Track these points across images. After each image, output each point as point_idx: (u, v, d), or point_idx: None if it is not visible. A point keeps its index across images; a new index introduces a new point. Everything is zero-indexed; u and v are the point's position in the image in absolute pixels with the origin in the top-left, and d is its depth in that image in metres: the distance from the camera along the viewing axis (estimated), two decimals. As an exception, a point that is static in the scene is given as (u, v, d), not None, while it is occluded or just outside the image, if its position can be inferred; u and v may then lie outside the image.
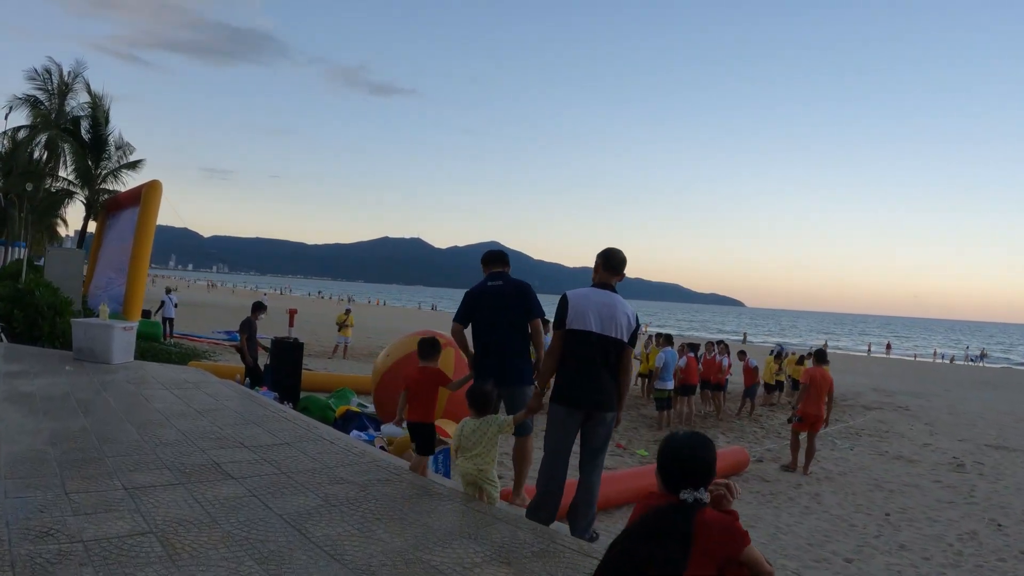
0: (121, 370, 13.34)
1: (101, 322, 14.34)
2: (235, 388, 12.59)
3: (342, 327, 31.63)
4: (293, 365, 16.35)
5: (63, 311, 17.83)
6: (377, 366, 15.20)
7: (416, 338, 15.25)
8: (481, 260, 8.61)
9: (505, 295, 8.18)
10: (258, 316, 16.80)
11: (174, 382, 12.50)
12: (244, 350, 16.20)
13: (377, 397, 14.76)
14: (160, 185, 26.07)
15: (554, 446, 7.00)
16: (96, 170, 34.84)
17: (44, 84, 36.01)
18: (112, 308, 25.36)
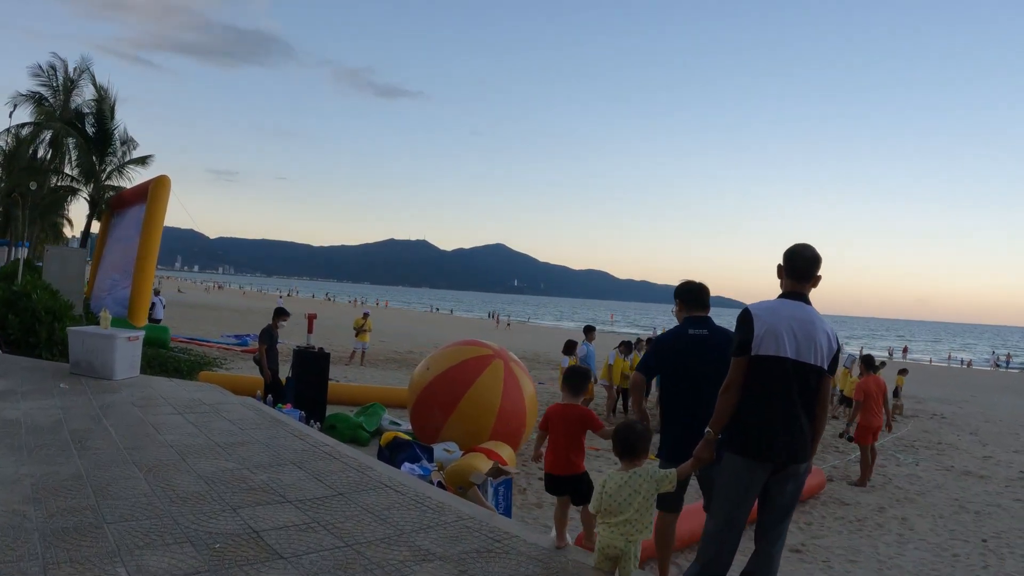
0: (124, 388, 11.43)
1: (101, 332, 12.41)
2: (257, 410, 10.66)
3: (360, 332, 29.78)
4: (318, 378, 14.54)
5: (62, 316, 16.35)
6: (415, 380, 13.49)
7: (463, 349, 13.50)
8: (676, 295, 6.82)
9: (711, 347, 6.30)
10: (279, 324, 14.83)
11: (187, 403, 10.61)
12: (263, 363, 14.22)
13: (415, 414, 13.18)
14: (168, 180, 24.33)
15: (729, 512, 5.13)
16: (101, 166, 33.14)
17: (49, 80, 34.54)
18: (117, 312, 23.61)
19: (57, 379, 11.51)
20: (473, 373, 12.66)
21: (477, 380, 12.55)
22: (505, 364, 13.09)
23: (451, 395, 12.46)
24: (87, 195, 33.59)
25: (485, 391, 12.48)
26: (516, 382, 12.97)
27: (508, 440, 12.23)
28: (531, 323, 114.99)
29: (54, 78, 34.93)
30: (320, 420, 13.75)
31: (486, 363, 12.92)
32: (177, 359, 20.37)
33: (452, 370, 12.86)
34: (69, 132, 32.51)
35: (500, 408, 12.43)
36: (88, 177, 33.04)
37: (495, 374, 12.76)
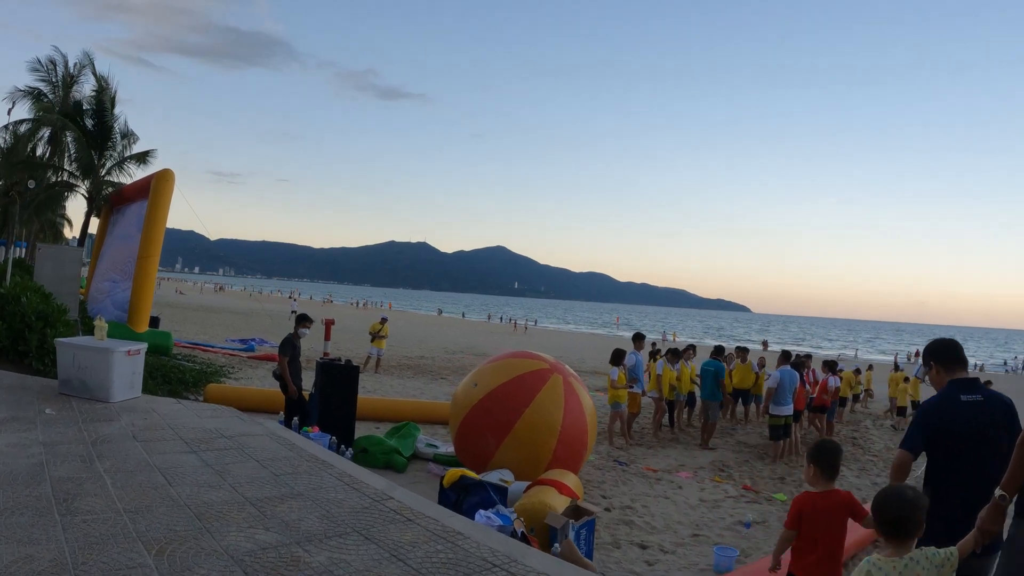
0: (123, 414, 9.49)
1: (96, 344, 10.50)
2: (288, 443, 8.74)
3: (376, 337, 27.79)
4: (346, 395, 12.60)
5: (55, 321, 14.73)
6: (459, 398, 11.80)
7: (517, 363, 11.78)
8: (930, 356, 5.50)
9: (989, 414, 5.16)
10: (301, 332, 12.84)
11: (201, 436, 8.73)
12: (286, 376, 12.21)
13: (461, 437, 11.61)
14: (172, 174, 22.57)
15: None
16: (100, 161, 31.23)
17: (48, 76, 32.77)
18: (116, 316, 21.82)
19: (43, 400, 9.63)
20: (530, 390, 11.15)
21: (535, 398, 11.03)
22: (564, 379, 11.57)
23: (506, 416, 10.95)
24: (85, 191, 31.68)
25: (544, 410, 11.00)
26: (577, 399, 11.51)
27: (569, 465, 11.01)
28: (548, 327, 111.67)
29: (53, 73, 33.27)
30: (349, 443, 11.89)
31: (544, 378, 11.41)
32: (181, 368, 18.55)
33: (506, 387, 11.28)
34: (66, 124, 30.65)
35: (562, 429, 10.97)
36: (86, 172, 31.27)
37: (554, 390, 11.25)
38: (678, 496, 12.24)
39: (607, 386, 16.75)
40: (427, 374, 27.44)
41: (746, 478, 14.18)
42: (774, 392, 16.67)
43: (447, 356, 36.43)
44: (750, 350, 21.73)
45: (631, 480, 12.95)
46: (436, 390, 22.47)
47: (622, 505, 11.16)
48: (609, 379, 16.47)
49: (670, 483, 13.09)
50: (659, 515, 10.81)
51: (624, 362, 16.62)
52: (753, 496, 12.84)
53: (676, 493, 12.42)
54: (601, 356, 46.54)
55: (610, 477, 12.94)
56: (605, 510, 10.61)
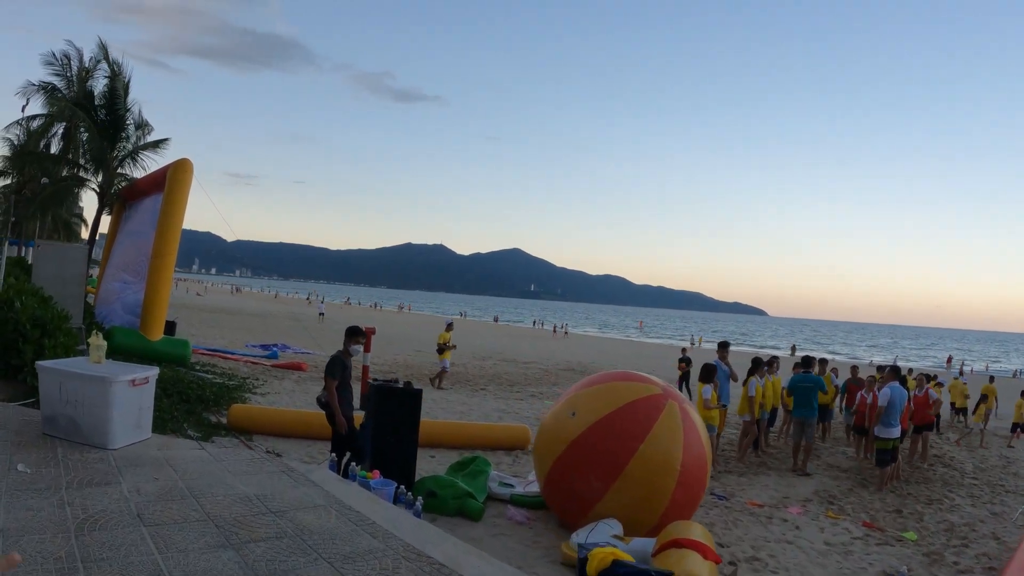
0: (127, 470, 6.92)
1: (89, 370, 7.90)
2: (362, 519, 6.29)
3: (444, 349, 24.68)
4: (407, 425, 10.29)
5: (55, 330, 12.72)
6: (551, 430, 9.96)
7: (624, 387, 9.94)
8: None
9: None
10: (352, 349, 10.36)
11: (237, 511, 6.17)
12: (334, 406, 9.68)
13: (555, 478, 9.73)
14: (190, 164, 20.46)
15: None
16: (112, 152, 29.11)
17: (63, 70, 30.84)
18: (127, 320, 19.64)
19: (19, 447, 7.13)
20: (644, 421, 9.34)
21: (651, 431, 9.24)
22: (679, 406, 9.76)
23: (616, 453, 9.15)
24: (96, 185, 29.58)
25: (662, 446, 9.23)
26: (696, 431, 9.77)
27: (686, 512, 9.50)
28: (581, 333, 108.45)
29: (68, 68, 31.27)
30: (410, 484, 9.78)
31: (659, 406, 9.55)
32: (201, 383, 16.34)
33: (614, 417, 9.35)
34: (76, 113, 28.61)
35: (681, 469, 9.24)
36: (98, 164, 29.10)
37: (671, 421, 9.44)
38: (800, 539, 10.77)
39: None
40: (464, 384, 25.19)
41: (860, 512, 12.83)
42: (884, 412, 15.02)
43: (479, 363, 34.29)
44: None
45: (740, 519, 11.39)
46: (485, 405, 20.33)
47: (747, 556, 9.50)
48: (700, 399, 14.52)
49: (782, 521, 11.64)
50: (794, 568, 9.30)
51: (716, 378, 14.72)
52: (880, 536, 11.46)
53: (796, 535, 10.93)
54: (634, 362, 44.59)
55: (716, 516, 11.25)
56: (730, 563, 9.05)
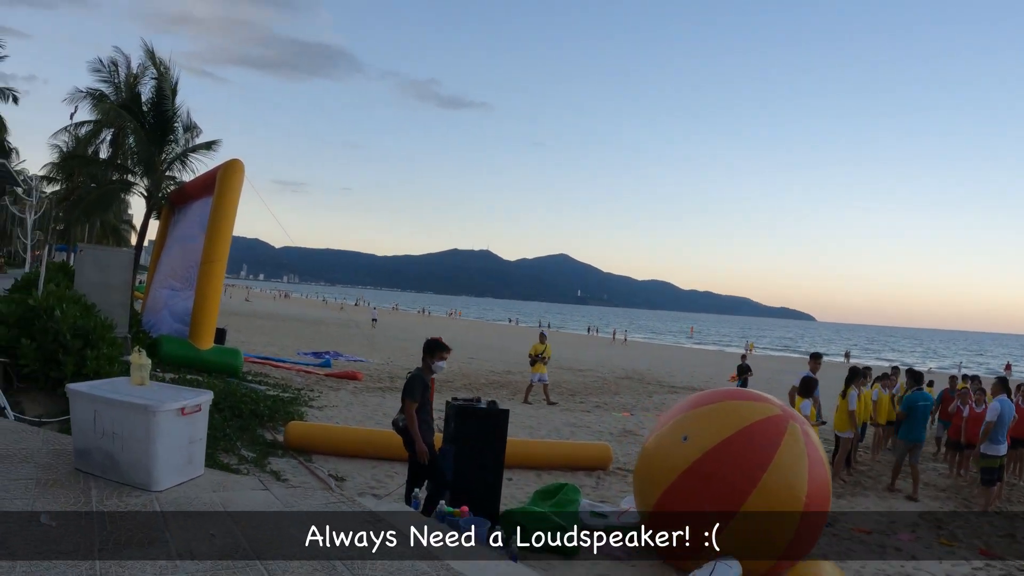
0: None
1: (130, 395, 6.55)
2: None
3: (537, 361, 23.20)
4: (492, 449, 9.11)
5: (97, 340, 11.76)
6: (657, 455, 8.85)
7: (741, 407, 8.86)
8: None
9: None
10: (436, 367, 9.00)
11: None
12: (414, 431, 8.35)
13: (662, 511, 8.44)
14: (241, 165, 19.51)
15: None
16: (160, 155, 28.33)
17: (110, 76, 30.22)
18: (176, 328, 18.72)
19: (45, 486, 5.94)
20: (767, 447, 8.23)
21: (774, 458, 8.13)
22: (801, 428, 8.61)
23: (736, 483, 8.04)
24: (144, 189, 28.82)
25: (786, 474, 8.12)
26: (819, 456, 8.61)
27: (808, 545, 8.45)
28: (640, 340, 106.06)
29: (116, 74, 30.69)
30: (494, 514, 8.78)
31: (781, 428, 8.43)
32: (255, 395, 15.30)
33: (733, 442, 8.26)
34: (122, 115, 27.86)
35: (807, 499, 8.08)
36: (146, 168, 28.32)
37: (795, 446, 8.31)
38: (920, 572, 9.83)
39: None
40: (523, 394, 23.99)
41: (973, 537, 11.81)
42: (992, 428, 13.75)
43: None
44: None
45: (853, 549, 10.34)
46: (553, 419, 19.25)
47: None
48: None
49: (896, 550, 10.58)
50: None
51: (815, 393, 13.50)
52: (1001, 565, 10.55)
53: (916, 568, 9.92)
54: (691, 369, 43.36)
55: (826, 546, 10.02)
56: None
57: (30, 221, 14.16)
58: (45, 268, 14.36)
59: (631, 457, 14.81)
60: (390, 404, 18.33)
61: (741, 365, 25.72)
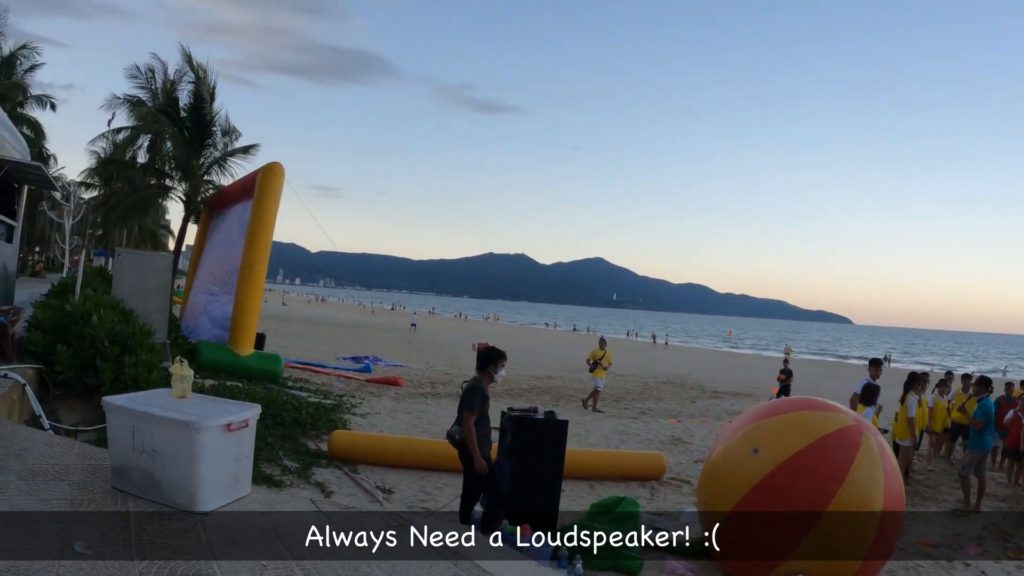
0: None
1: (171, 410, 5.93)
2: None
3: (596, 366, 22.66)
4: (551, 462, 8.61)
5: (135, 346, 11.43)
6: (723, 469, 8.41)
7: (813, 418, 8.31)
8: None
9: None
10: (496, 374, 8.50)
11: None
12: (472, 444, 7.87)
13: (730, 527, 7.99)
14: (281, 168, 19.14)
15: None
16: (198, 159, 28.05)
17: (147, 83, 30.09)
18: (215, 334, 18.38)
19: (80, 505, 5.49)
20: (842, 460, 7.78)
21: (850, 472, 7.68)
22: (876, 439, 8.16)
23: (811, 498, 7.57)
24: (182, 194, 28.56)
25: (862, 489, 7.67)
26: (893, 468, 8.21)
27: (879, 564, 8.07)
28: (680, 344, 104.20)
29: (152, 80, 30.59)
30: (552, 530, 8.25)
31: (855, 440, 7.98)
32: (297, 403, 14.84)
33: (806, 455, 7.77)
34: (159, 119, 27.66)
35: (882, 515, 7.66)
36: (184, 172, 28.06)
37: (870, 459, 7.87)
38: None
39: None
40: (568, 400, 23.49)
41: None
42: None
43: (577, 376, 32.62)
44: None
45: (921, 566, 9.81)
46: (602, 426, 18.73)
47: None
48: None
49: (965, 565, 10.10)
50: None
51: (877, 400, 12.93)
52: None
53: None
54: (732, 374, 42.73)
55: (894, 560, 9.36)
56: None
57: (68, 226, 13.79)
58: (82, 272, 13.96)
59: (683, 466, 14.34)
60: (433, 411, 17.93)
61: (784, 369, 25.10)
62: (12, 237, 16.22)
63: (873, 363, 14.97)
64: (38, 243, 67.03)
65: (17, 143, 16.02)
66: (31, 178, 16.04)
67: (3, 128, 14.47)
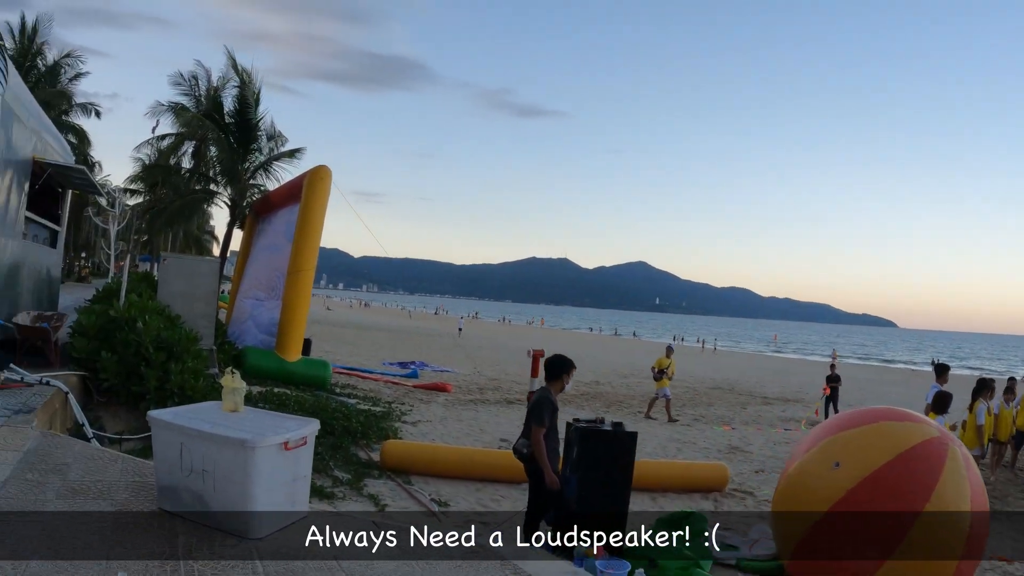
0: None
1: (223, 427, 5.39)
2: None
3: (662, 376, 21.92)
4: (620, 475, 8.12)
5: (182, 353, 11.17)
6: (800, 483, 7.84)
7: (896, 429, 7.69)
8: None
9: None
10: (566, 384, 8.03)
11: None
12: (542, 458, 7.39)
13: (809, 545, 7.44)
14: (328, 171, 18.85)
15: None
16: (243, 163, 27.85)
17: (191, 90, 30.04)
18: (261, 340, 18.09)
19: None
20: (928, 474, 7.20)
21: (936, 487, 7.07)
22: (961, 451, 7.57)
23: (896, 515, 7.00)
24: (227, 198, 28.37)
25: (949, 504, 7.06)
26: (979, 482, 7.52)
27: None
28: (723, 348, 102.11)
29: (196, 87, 30.54)
30: (620, 548, 7.70)
31: (941, 453, 7.37)
32: (346, 411, 14.50)
33: (891, 468, 7.23)
34: (204, 124, 27.46)
35: (969, 531, 7.08)
36: (229, 177, 27.86)
37: (956, 472, 7.26)
38: None
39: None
40: (618, 406, 23.02)
41: None
42: None
43: (623, 381, 32.15)
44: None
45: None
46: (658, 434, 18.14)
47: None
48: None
49: None
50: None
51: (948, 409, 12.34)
52: None
53: None
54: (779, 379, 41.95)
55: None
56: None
57: (113, 231, 13.55)
58: (127, 278, 13.66)
59: (744, 476, 13.85)
60: (485, 418, 17.53)
61: (831, 375, 24.38)
62: (56, 242, 16.01)
63: (940, 369, 14.30)
64: (83, 248, 67.49)
65: (61, 148, 15.82)
66: (75, 182, 15.82)
67: (47, 133, 14.25)
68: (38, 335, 11.34)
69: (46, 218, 14.95)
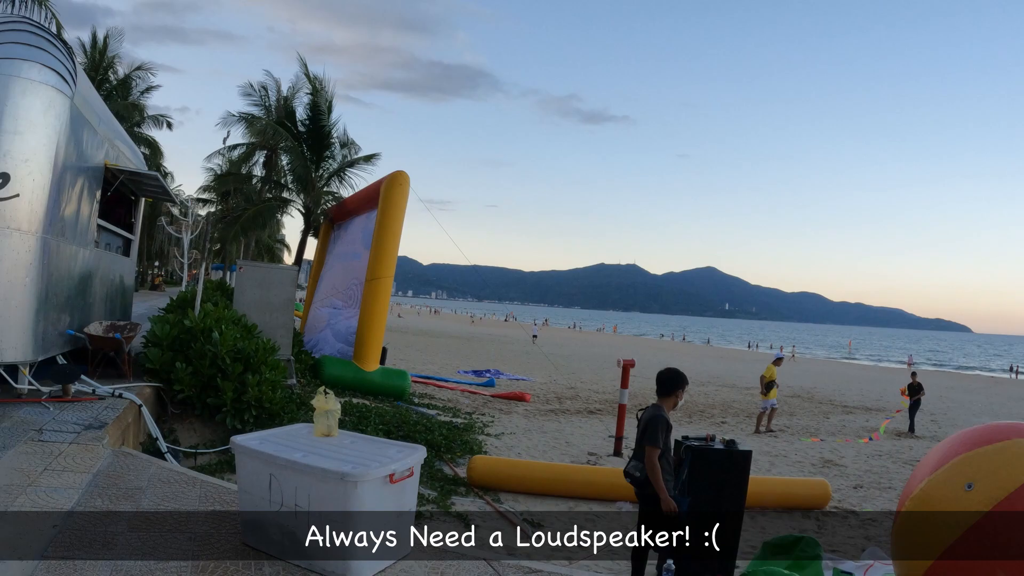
0: None
1: (319, 458, 4.67)
2: None
3: (772, 387, 21.14)
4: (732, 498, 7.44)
5: (259, 363, 10.88)
6: (926, 503, 6.66)
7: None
8: None
9: None
10: (679, 401, 7.32)
11: None
12: (659, 487, 6.57)
13: (941, 573, 6.20)
14: (406, 177, 18.38)
15: None
16: (317, 171, 27.57)
17: (261, 100, 29.94)
18: (338, 349, 17.65)
19: (204, 573, 4.50)
20: None
21: None
22: None
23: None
24: (301, 206, 28.10)
25: None
26: None
27: None
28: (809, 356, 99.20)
29: (266, 97, 30.45)
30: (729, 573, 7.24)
31: None
32: (428, 423, 13.96)
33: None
34: (277, 131, 27.28)
35: None
36: (302, 184, 27.60)
37: None
38: None
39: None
40: (700, 416, 22.33)
41: None
42: None
43: (700, 388, 31.42)
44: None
45: None
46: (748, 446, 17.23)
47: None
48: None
49: None
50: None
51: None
52: None
53: None
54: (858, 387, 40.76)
55: None
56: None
57: (186, 240, 13.24)
58: (202, 287, 13.24)
59: (843, 492, 13.08)
60: (569, 430, 16.91)
61: (912, 384, 23.16)
62: (130, 250, 15.69)
63: None
64: (157, 257, 68.14)
65: (134, 155, 15.54)
66: (149, 189, 15.51)
67: (119, 140, 13.93)
68: (110, 346, 10.94)
69: (119, 226, 14.63)
